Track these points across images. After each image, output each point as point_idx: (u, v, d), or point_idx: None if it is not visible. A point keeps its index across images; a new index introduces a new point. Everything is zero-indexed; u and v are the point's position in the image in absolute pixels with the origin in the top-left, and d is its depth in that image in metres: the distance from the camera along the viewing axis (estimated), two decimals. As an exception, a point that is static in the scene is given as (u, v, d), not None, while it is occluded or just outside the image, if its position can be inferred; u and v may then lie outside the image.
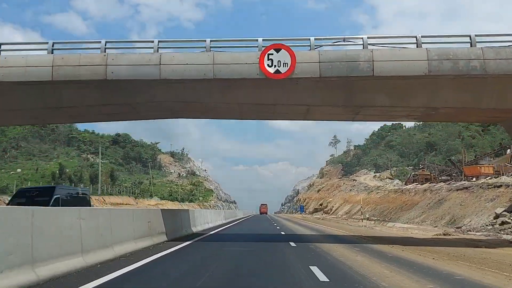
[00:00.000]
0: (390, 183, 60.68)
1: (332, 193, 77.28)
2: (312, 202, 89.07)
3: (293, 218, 50.59)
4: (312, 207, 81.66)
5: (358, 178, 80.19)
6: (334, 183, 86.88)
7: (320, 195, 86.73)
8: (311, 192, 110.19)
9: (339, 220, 42.08)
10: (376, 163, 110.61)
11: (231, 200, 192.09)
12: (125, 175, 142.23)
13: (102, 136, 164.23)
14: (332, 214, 59.06)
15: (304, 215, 63.71)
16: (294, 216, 68.05)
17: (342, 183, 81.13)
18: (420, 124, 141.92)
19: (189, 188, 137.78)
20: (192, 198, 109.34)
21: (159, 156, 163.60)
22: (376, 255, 10.46)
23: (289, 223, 33.07)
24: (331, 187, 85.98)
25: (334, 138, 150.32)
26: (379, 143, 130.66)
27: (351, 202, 56.26)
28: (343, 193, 69.91)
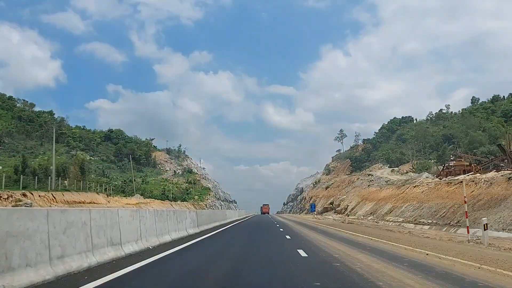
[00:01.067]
0: (418, 176, 48.90)
1: (344, 190, 65.34)
2: (320, 200, 77.17)
3: (304, 220, 38.50)
4: (320, 206, 69.78)
5: (374, 172, 68.25)
6: (345, 179, 74.91)
7: (329, 193, 74.78)
8: (317, 189, 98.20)
9: (371, 224, 29.91)
10: (389, 157, 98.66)
11: (231, 199, 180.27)
12: (116, 173, 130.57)
13: (94, 132, 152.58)
14: (350, 215, 47.22)
15: (315, 216, 51.14)
16: (303, 217, 55.65)
17: (356, 178, 69.11)
18: (432, 117, 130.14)
19: (184, 186, 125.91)
20: (185, 197, 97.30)
21: (154, 153, 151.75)
22: None
23: (311, 233, 20.50)
24: (342, 183, 73.97)
25: (340, 132, 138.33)
26: (390, 136, 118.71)
27: (373, 199, 44.38)
28: (359, 189, 58.12)
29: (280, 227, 25.27)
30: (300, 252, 10.71)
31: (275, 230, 22.48)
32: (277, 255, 10.62)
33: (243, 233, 20.63)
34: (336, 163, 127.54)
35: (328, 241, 14.61)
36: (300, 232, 20.96)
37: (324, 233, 19.88)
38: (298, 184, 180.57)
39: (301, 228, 24.42)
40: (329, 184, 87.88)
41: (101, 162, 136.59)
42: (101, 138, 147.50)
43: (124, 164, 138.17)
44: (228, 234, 19.14)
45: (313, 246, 13.09)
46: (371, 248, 12.20)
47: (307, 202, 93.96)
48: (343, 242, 14.37)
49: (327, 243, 13.79)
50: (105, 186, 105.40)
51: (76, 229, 6.61)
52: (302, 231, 21.82)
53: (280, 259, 9.60)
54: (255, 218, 50.93)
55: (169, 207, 67.01)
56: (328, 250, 11.41)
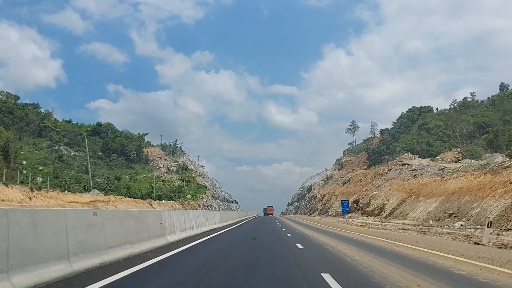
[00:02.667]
0: (489, 158, 32.36)
1: (372, 185, 48.42)
2: (337, 198, 60.33)
3: (339, 230, 21.39)
4: (337, 205, 53.37)
5: (411, 161, 51.43)
6: (368, 172, 57.91)
7: (349, 189, 58.00)
8: (331, 186, 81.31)
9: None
10: (413, 148, 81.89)
11: (231, 199, 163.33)
12: (103, 169, 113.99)
13: (81, 125, 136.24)
14: (393, 217, 30.56)
15: (349, 220, 32.08)
16: (325, 220, 37.34)
17: (386, 169, 52.12)
18: (456, 105, 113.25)
19: (178, 184, 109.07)
20: (174, 196, 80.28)
21: (146, 149, 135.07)
22: None
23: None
24: (365, 177, 57.06)
25: (352, 124, 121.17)
26: (410, 126, 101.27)
27: (435, 193, 27.74)
28: (397, 181, 41.41)
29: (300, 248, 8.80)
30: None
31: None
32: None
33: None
34: (349, 157, 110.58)
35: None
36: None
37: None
38: (303, 182, 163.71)
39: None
40: (347, 179, 70.89)
41: (87, 158, 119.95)
42: (88, 132, 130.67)
43: (112, 160, 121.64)
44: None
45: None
46: None
47: (319, 201, 77.24)
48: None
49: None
50: (84, 184, 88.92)
51: None
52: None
53: None
54: (258, 221, 35.63)
55: (145, 207, 50.36)
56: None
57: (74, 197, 37.16)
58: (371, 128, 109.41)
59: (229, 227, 22.32)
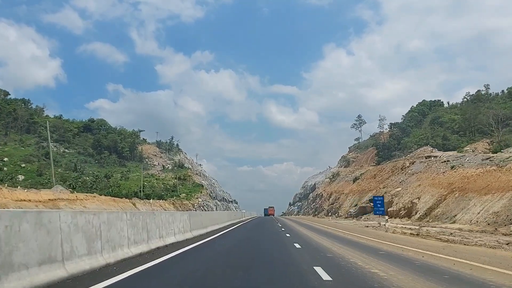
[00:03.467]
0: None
1: (392, 180, 39.90)
2: (347, 197, 52.05)
3: (386, 241, 13.33)
4: (350, 205, 45.22)
5: (436, 154, 43.20)
6: (384, 167, 49.37)
7: (362, 186, 49.82)
8: (339, 183, 72.99)
9: None
10: (428, 143, 74.05)
11: (231, 199, 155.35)
12: (94, 167, 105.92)
13: (72, 121, 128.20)
14: (429, 220, 22.50)
15: (383, 224, 23.16)
16: (346, 225, 28.09)
17: (408, 162, 43.65)
18: (469, 98, 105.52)
19: (173, 182, 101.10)
20: (166, 195, 72.22)
21: (140, 146, 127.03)
22: None
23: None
24: (381, 172, 48.66)
25: (358, 119, 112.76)
26: (421, 121, 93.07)
27: (491, 189, 19.78)
28: (428, 175, 33.18)
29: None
30: None
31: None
32: None
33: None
34: (356, 154, 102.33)
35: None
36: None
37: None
38: (305, 182, 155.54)
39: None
40: (357, 175, 62.68)
41: (76, 156, 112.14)
42: (79, 128, 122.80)
43: (103, 157, 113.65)
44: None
45: None
46: None
47: (325, 201, 68.88)
48: None
49: None
50: (70, 182, 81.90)
51: None
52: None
53: None
54: (254, 224, 30.16)
55: (126, 207, 42.32)
56: None
57: (26, 195, 29.12)
58: (380, 123, 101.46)
59: (206, 238, 14.27)
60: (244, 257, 9.81)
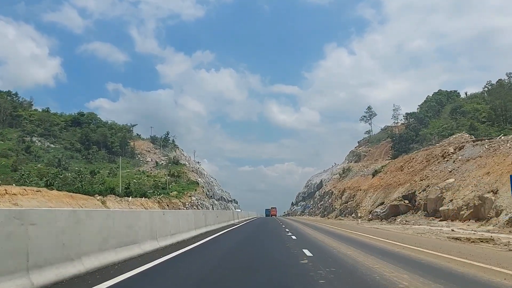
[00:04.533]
0: None
1: (434, 171, 29.28)
2: (367, 194, 41.56)
3: None
4: (371, 204, 35.24)
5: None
6: (413, 157, 38.64)
7: (385, 180, 39.35)
8: (352, 179, 62.48)
9: None
10: (451, 133, 64.03)
11: (230, 198, 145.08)
12: (80, 163, 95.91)
13: (61, 115, 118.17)
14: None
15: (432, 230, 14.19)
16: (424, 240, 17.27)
17: (452, 149, 33.01)
18: (490, 87, 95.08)
19: (165, 179, 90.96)
20: (150, 192, 61.94)
21: (133, 142, 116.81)
22: None
23: None
24: (408, 163, 38.10)
25: (368, 110, 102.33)
26: (439, 110, 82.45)
27: None
28: (501, 159, 23.19)
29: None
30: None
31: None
32: None
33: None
34: (368, 148, 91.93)
35: None
36: None
37: None
38: (309, 180, 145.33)
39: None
40: (378, 168, 52.33)
41: (63, 151, 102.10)
42: (66, 122, 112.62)
43: (91, 153, 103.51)
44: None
45: None
46: None
47: (336, 199, 58.42)
48: None
49: None
50: (47, 178, 72.29)
51: None
52: None
53: None
54: (251, 232, 22.00)
55: (87, 205, 32.37)
56: None
57: None
58: (394, 113, 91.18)
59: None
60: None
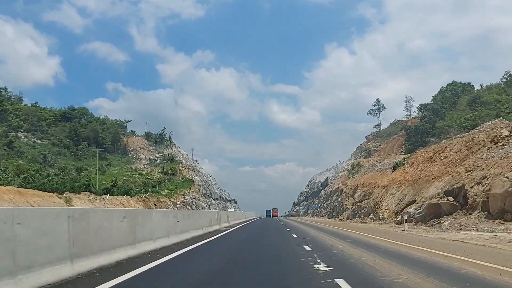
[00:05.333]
0: None
1: (499, 155, 22.27)
2: (388, 191, 34.00)
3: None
4: (395, 202, 28.03)
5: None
6: (447, 146, 31.19)
7: (412, 174, 31.70)
8: (365, 175, 54.89)
9: None
10: (475, 124, 56.60)
11: (229, 198, 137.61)
12: (68, 160, 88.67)
13: (50, 109, 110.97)
14: None
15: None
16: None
17: (507, 131, 26.27)
18: (510, 78, 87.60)
19: (158, 177, 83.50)
20: (135, 191, 54.41)
21: (126, 138, 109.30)
22: None
23: None
24: (441, 153, 30.81)
25: (376, 103, 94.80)
26: (455, 102, 74.81)
27: None
28: None
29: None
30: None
31: None
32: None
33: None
34: (377, 142, 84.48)
35: None
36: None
37: None
38: (311, 179, 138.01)
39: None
40: (399, 161, 44.72)
41: (50, 147, 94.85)
42: (56, 117, 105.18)
43: (81, 149, 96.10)
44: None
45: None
46: None
47: (347, 198, 50.91)
48: None
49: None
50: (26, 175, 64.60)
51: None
52: None
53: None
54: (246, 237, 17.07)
55: (43, 203, 24.91)
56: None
57: None
58: (406, 104, 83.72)
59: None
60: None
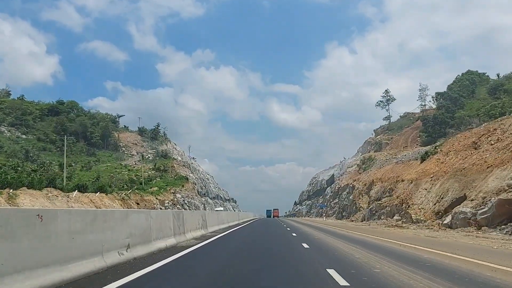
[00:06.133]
0: None
1: None
2: (420, 186, 26.60)
3: None
4: (433, 199, 21.22)
5: None
6: (501, 128, 24.60)
7: (451, 165, 24.73)
8: (382, 169, 47.26)
9: None
10: (503, 112, 49.09)
11: (227, 197, 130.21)
12: (53, 156, 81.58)
13: (38, 103, 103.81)
14: None
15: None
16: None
17: None
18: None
19: (149, 174, 76.39)
20: (113, 188, 47.09)
21: (117, 133, 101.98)
22: None
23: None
24: (486, 136, 24.03)
25: (385, 94, 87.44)
26: (474, 91, 67.22)
27: None
28: None
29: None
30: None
31: None
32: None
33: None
34: (388, 136, 77.11)
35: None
36: None
37: None
38: (314, 178, 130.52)
39: None
40: (430, 149, 36.93)
41: (35, 142, 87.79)
42: (43, 111, 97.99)
43: (68, 145, 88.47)
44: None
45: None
46: None
47: (360, 195, 43.16)
48: None
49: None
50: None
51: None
52: None
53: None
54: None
55: None
56: None
57: None
58: (420, 93, 76.46)
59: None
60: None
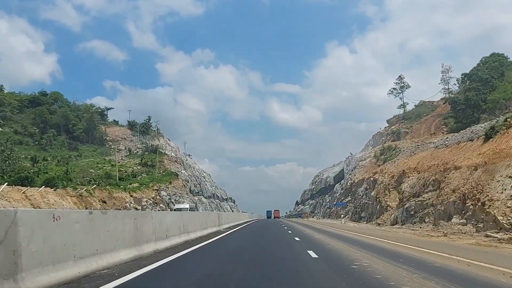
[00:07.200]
0: None
1: None
2: (495, 175, 17.83)
3: None
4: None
5: None
6: None
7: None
8: (413, 157, 37.13)
9: None
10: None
11: (225, 196, 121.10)
12: (31, 150, 72.68)
13: (18, 94, 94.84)
14: None
15: None
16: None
17: None
18: None
19: (134, 169, 67.37)
20: (64, 182, 37.89)
21: (104, 127, 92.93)
22: None
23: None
24: None
25: (399, 80, 78.52)
26: (503, 73, 57.98)
27: None
28: None
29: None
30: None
31: None
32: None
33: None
34: (406, 125, 68.08)
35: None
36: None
37: None
38: (316, 176, 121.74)
39: None
40: (499, 124, 27.23)
41: (11, 135, 78.83)
42: (23, 102, 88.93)
43: (47, 138, 79.94)
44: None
45: None
46: None
47: (387, 190, 33.60)
48: None
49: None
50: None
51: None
52: None
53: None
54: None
55: None
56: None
57: None
58: (443, 76, 67.74)
59: None
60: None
